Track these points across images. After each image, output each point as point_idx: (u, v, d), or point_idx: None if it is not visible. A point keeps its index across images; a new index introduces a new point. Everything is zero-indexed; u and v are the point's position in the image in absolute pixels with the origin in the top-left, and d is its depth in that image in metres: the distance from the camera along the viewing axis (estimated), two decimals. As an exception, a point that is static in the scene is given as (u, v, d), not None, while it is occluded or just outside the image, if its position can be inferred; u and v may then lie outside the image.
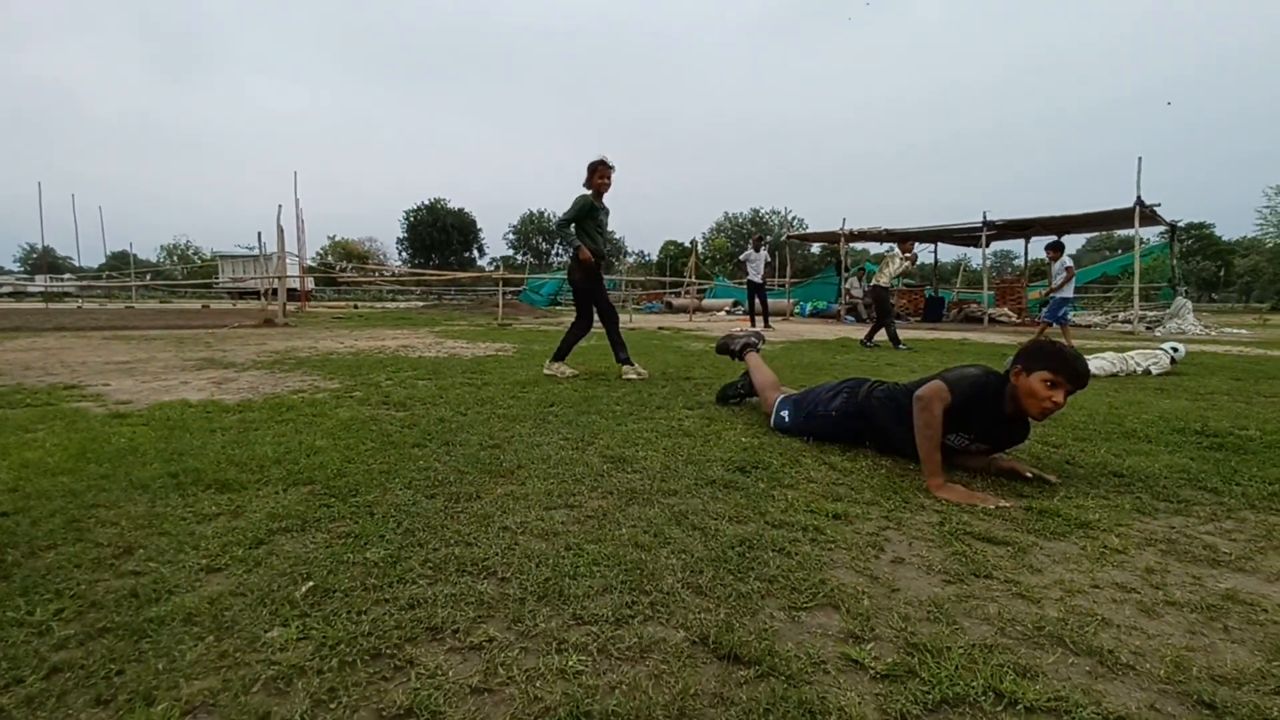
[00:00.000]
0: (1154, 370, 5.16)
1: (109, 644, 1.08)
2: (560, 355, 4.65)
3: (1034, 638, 1.17)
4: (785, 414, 2.77)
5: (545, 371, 4.58)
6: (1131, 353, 5.30)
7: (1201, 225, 47.35)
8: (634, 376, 4.42)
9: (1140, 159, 12.63)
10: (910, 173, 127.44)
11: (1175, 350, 5.38)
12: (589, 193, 4.48)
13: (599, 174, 4.43)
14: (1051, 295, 8.22)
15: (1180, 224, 17.35)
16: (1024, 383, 2.06)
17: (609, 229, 4.70)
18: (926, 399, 2.10)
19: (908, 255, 8.41)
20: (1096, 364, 4.98)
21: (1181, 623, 1.24)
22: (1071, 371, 2.01)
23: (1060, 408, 2.03)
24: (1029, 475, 2.12)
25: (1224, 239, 48.54)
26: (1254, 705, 0.98)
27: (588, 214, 4.45)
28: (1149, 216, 13.33)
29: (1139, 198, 12.73)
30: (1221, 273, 46.50)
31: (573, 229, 4.47)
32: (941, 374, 2.20)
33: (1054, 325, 8.13)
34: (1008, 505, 1.88)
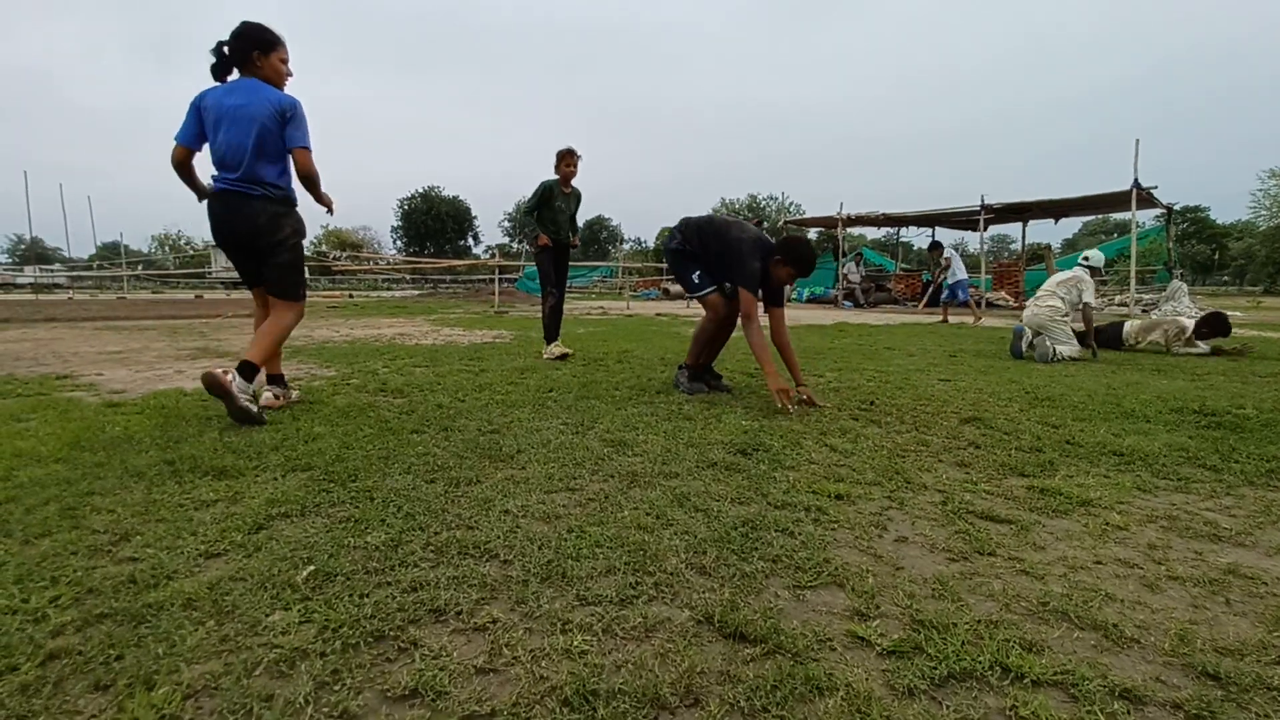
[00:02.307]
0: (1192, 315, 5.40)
1: (107, 630, 1.07)
2: (551, 337, 4.81)
3: (1039, 613, 1.17)
4: (695, 275, 3.30)
5: (545, 356, 4.67)
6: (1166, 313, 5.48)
7: (1197, 209, 47.41)
8: (549, 356, 4.66)
9: (1138, 141, 12.55)
10: (907, 157, 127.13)
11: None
12: (554, 179, 4.74)
13: (565, 162, 4.73)
14: (947, 283, 10.46)
15: (1176, 207, 17.32)
16: (779, 270, 3.11)
17: (575, 211, 4.95)
18: (749, 313, 3.01)
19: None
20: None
21: (1184, 597, 1.25)
22: (806, 267, 3.11)
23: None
24: (817, 403, 2.98)
25: (1219, 222, 48.62)
26: (1256, 675, 0.98)
27: (548, 200, 4.75)
28: (1146, 199, 13.27)
29: (1136, 180, 12.67)
30: (1216, 256, 46.62)
31: (535, 215, 4.80)
32: (739, 285, 3.08)
33: (959, 304, 9.98)
34: (793, 411, 2.78)
